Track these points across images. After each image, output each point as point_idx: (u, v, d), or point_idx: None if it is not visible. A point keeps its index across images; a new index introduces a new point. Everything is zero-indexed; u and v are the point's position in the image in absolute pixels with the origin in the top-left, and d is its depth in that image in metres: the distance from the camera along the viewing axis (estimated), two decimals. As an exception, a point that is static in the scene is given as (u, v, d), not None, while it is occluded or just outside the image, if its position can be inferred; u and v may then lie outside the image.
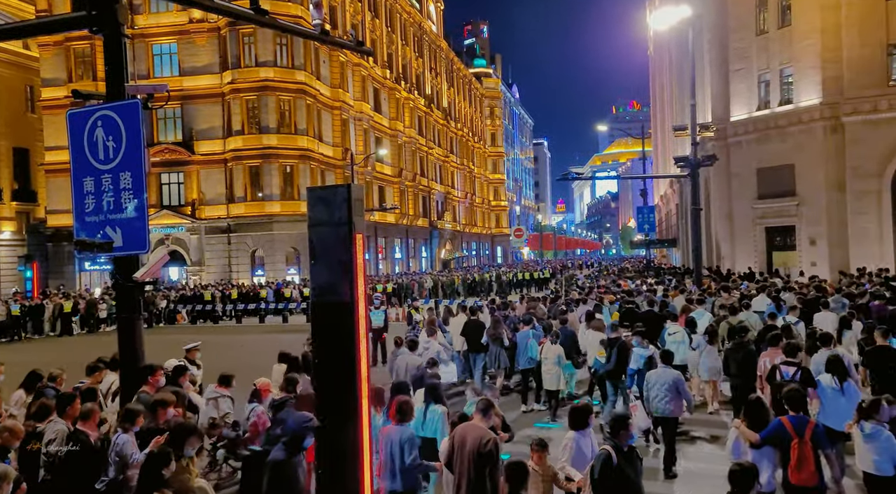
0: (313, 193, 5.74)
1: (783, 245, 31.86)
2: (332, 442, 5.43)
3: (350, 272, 5.45)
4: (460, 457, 5.94)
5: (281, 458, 5.48)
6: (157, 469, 5.41)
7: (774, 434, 6.36)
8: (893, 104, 27.60)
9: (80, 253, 6.87)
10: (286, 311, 31.70)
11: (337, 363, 5.48)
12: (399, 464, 6.28)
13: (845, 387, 7.82)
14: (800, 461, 6.16)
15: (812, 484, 6.18)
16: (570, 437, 6.63)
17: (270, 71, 41.41)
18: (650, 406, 9.14)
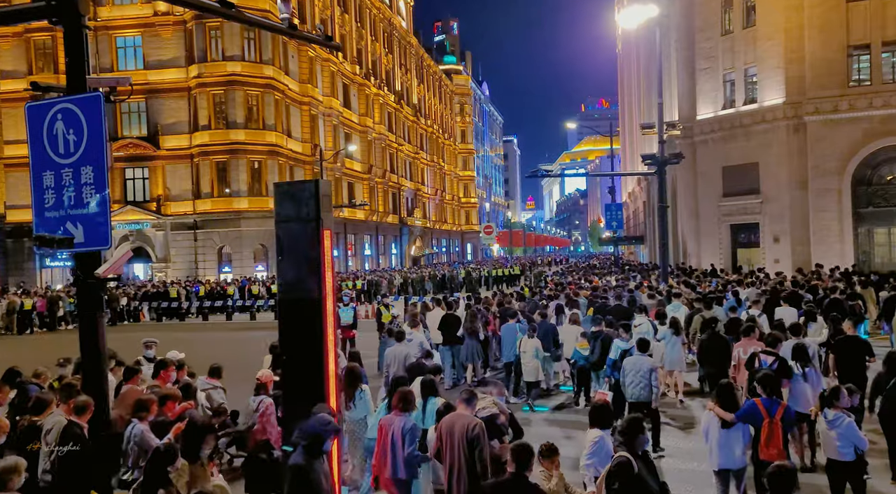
0: (281, 189, 5.69)
1: (747, 242, 32.43)
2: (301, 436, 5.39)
3: (318, 268, 5.41)
4: (450, 445, 6.06)
5: (301, 462, 5.23)
6: (161, 466, 5.42)
7: (748, 413, 6.82)
8: (853, 104, 28.23)
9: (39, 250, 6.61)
10: (254, 308, 31.37)
11: (304, 359, 5.44)
12: (400, 453, 6.40)
13: (807, 373, 8.42)
14: (769, 438, 6.70)
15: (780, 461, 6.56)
16: (597, 436, 6.34)
17: (238, 65, 40.87)
18: (626, 391, 9.59)
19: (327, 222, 5.51)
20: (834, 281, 19.85)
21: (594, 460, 6.22)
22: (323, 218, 5.45)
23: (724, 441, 6.81)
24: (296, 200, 5.50)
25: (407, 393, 6.70)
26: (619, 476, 5.35)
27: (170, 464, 5.41)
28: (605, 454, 6.10)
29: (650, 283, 22.36)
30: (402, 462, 6.40)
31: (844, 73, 28.71)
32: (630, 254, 64.19)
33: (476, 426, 6.02)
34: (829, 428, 6.83)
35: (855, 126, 28.22)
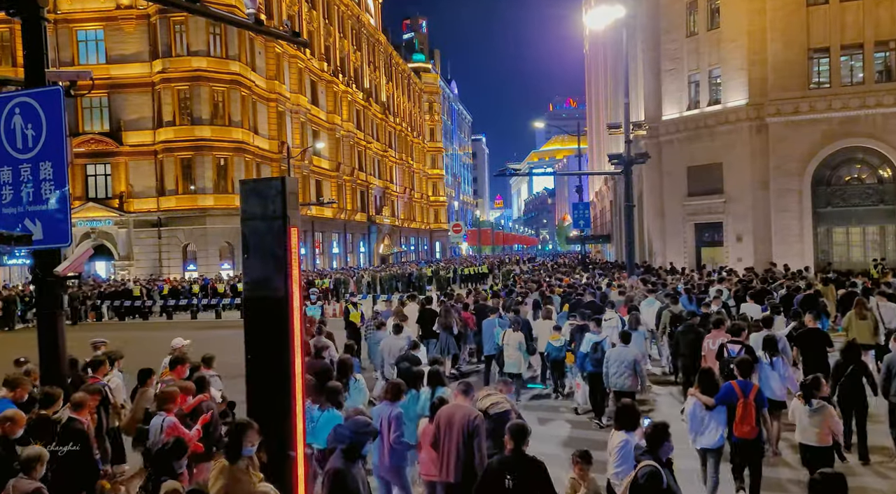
0: (246, 186, 5.62)
1: (711, 241, 32.98)
2: (265, 440, 5.32)
3: (284, 266, 5.36)
4: (448, 436, 6.20)
5: (340, 467, 5.07)
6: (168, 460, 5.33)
7: (725, 394, 7.40)
8: (814, 106, 28.89)
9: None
10: (219, 307, 31.00)
11: (270, 359, 5.38)
12: (388, 439, 6.62)
13: (775, 362, 9.04)
14: (743, 417, 7.27)
15: (752, 437, 7.31)
16: (622, 439, 6.12)
17: (203, 61, 40.31)
18: (609, 381, 10.17)
19: (294, 220, 5.45)
20: (788, 278, 20.44)
21: (624, 468, 5.94)
22: (290, 215, 5.40)
23: (704, 422, 7.40)
24: (262, 197, 5.44)
25: (395, 384, 7.04)
26: (647, 490, 4.98)
27: (177, 459, 5.35)
28: (631, 459, 5.87)
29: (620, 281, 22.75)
30: (389, 449, 6.63)
31: (805, 76, 29.36)
32: (597, 253, 64.84)
33: (477, 417, 6.21)
34: (810, 416, 7.20)
35: (815, 127, 28.88)
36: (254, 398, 5.57)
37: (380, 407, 6.93)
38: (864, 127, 28.24)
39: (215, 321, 29.22)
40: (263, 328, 5.42)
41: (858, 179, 29.36)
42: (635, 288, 19.42)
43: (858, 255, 29.16)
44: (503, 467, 5.37)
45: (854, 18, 28.44)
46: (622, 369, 10.01)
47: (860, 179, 29.34)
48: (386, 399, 6.91)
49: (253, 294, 5.49)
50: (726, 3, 31.17)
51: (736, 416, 7.33)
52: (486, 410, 6.57)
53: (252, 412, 5.53)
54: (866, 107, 28.10)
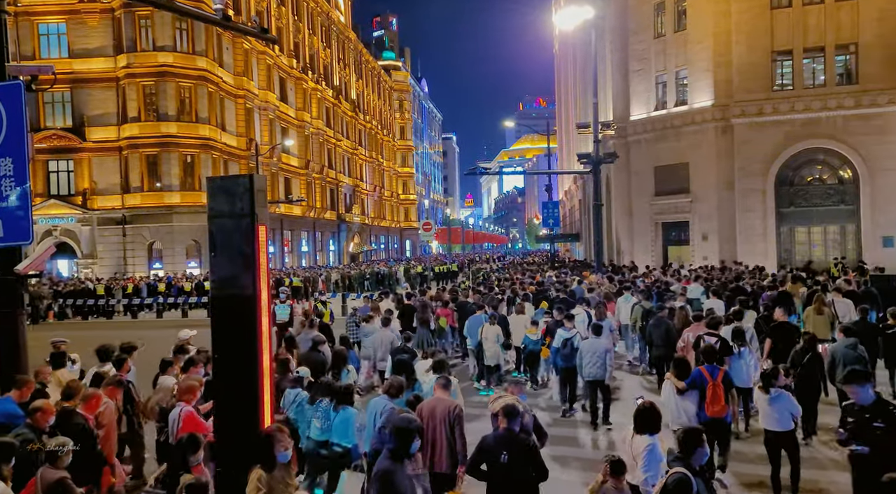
0: (214, 183, 5.56)
1: (678, 240, 33.46)
2: (232, 440, 5.27)
3: (252, 264, 5.31)
4: (431, 426, 6.50)
5: (389, 468, 4.98)
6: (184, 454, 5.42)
7: (696, 378, 8.11)
8: (777, 108, 29.46)
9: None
10: (185, 305, 30.59)
11: (238, 358, 5.33)
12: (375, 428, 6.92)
13: (742, 352, 9.88)
14: (713, 398, 8.00)
15: (722, 415, 8.05)
16: (649, 444, 5.98)
17: (169, 56, 39.68)
18: (583, 371, 10.80)
19: (262, 217, 5.41)
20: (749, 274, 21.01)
21: (651, 473, 5.84)
22: (258, 213, 5.35)
23: (678, 405, 8.05)
24: (229, 195, 5.38)
25: (400, 382, 7.35)
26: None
27: (192, 453, 5.43)
28: (660, 464, 5.80)
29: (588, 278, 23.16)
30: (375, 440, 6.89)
31: (769, 78, 29.92)
32: (566, 252, 65.34)
33: (456, 408, 6.60)
34: (770, 404, 7.75)
35: (778, 129, 29.45)
36: (221, 397, 5.51)
37: (376, 401, 7.15)
38: (826, 128, 28.88)
39: (182, 319, 28.82)
40: (231, 326, 5.37)
41: (820, 180, 30.02)
42: (600, 285, 20.12)
43: (820, 254, 29.83)
44: (498, 443, 5.71)
45: (816, 22, 29.07)
46: (595, 359, 10.64)
47: (822, 180, 29.99)
48: (388, 394, 7.17)
49: (220, 292, 5.43)
50: (693, 5, 31.63)
51: (706, 397, 8.01)
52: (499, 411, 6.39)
53: (219, 411, 5.47)
54: (827, 109, 28.74)
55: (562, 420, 11.33)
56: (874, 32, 28.09)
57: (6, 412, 6.68)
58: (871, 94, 28.08)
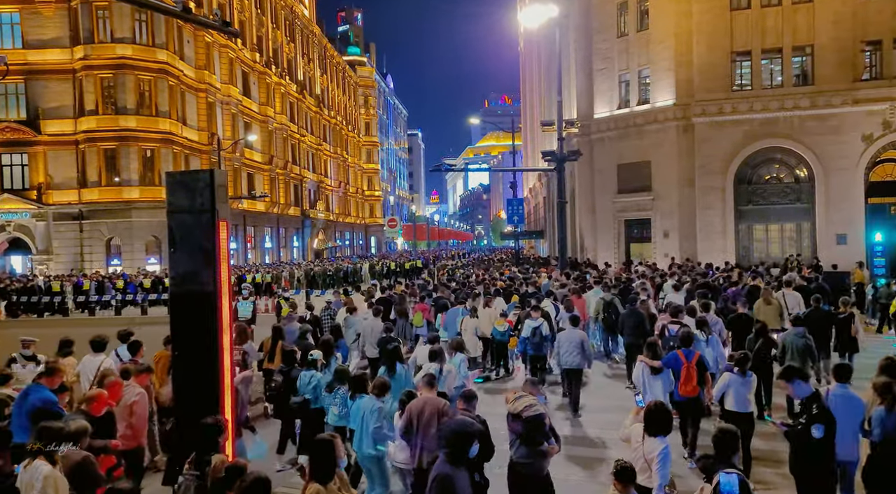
0: (173, 178, 5.47)
1: (640, 237, 33.89)
2: (192, 437, 5.19)
3: (213, 260, 5.23)
4: (419, 423, 6.71)
5: (447, 472, 4.83)
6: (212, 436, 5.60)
7: (672, 359, 8.92)
8: (736, 107, 30.01)
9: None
10: (144, 303, 30.02)
11: (198, 355, 5.25)
12: (367, 429, 7.12)
13: (710, 339, 10.66)
14: (687, 379, 8.80)
15: (694, 395, 8.84)
16: (664, 446, 5.88)
17: (128, 48, 38.84)
18: (560, 359, 11.44)
19: (223, 213, 5.33)
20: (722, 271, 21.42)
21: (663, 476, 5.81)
22: (219, 208, 5.27)
23: (652, 384, 8.81)
24: (190, 190, 5.29)
25: (382, 383, 7.48)
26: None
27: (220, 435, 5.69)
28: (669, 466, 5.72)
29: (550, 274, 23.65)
30: (367, 437, 7.12)
31: (728, 78, 30.45)
32: (531, 248, 65.76)
33: (445, 405, 6.84)
34: (737, 387, 8.25)
35: (737, 128, 30.01)
36: (181, 394, 5.42)
37: (364, 401, 7.29)
38: (783, 128, 29.51)
39: (141, 317, 28.27)
40: (191, 323, 5.28)
41: (777, 178, 30.68)
42: (558, 280, 21.15)
43: (777, 251, 30.48)
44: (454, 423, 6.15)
45: (774, 24, 29.66)
46: (571, 348, 11.32)
47: (779, 178, 30.65)
48: (372, 393, 7.32)
49: (180, 288, 5.34)
50: (655, 5, 32.02)
51: (681, 378, 8.83)
52: (520, 413, 6.26)
53: (179, 408, 5.39)
54: (785, 109, 29.36)
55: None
56: (829, 35, 28.77)
57: (44, 398, 7.03)
58: (826, 95, 28.77)
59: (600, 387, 13.49)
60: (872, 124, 28.31)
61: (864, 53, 29.13)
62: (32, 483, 5.07)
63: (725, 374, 8.41)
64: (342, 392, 7.97)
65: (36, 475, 5.07)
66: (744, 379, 8.22)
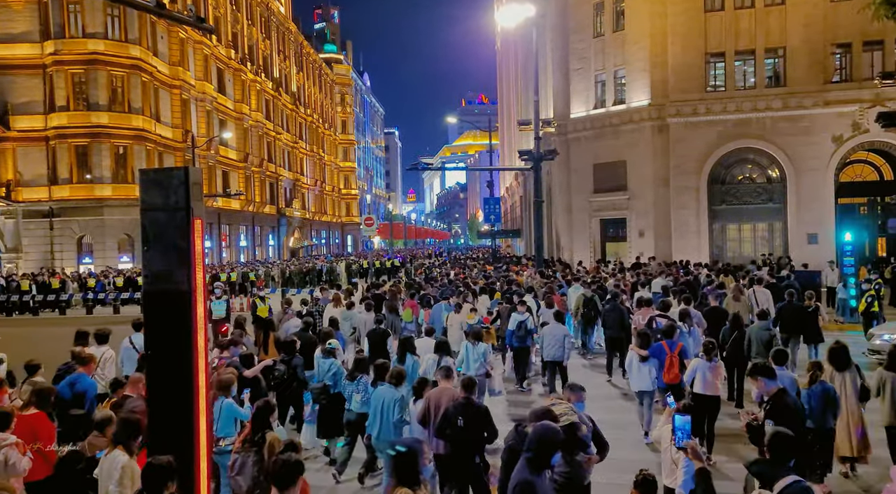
0: (147, 176, 5.39)
1: (615, 236, 34.18)
2: (165, 442, 5.12)
3: (187, 259, 5.16)
4: (436, 414, 7.12)
5: (528, 479, 4.65)
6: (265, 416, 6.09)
7: (657, 350, 9.88)
8: (710, 108, 30.37)
9: None
10: (116, 301, 29.61)
11: (172, 355, 5.18)
12: (389, 418, 7.61)
13: (692, 331, 11.51)
14: (670, 367, 9.74)
15: (676, 382, 9.61)
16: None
17: (101, 43, 38.24)
18: (544, 352, 12.31)
19: (198, 211, 5.26)
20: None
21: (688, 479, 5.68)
22: (193, 206, 5.20)
23: (639, 370, 9.78)
24: (163, 188, 5.22)
25: (398, 372, 7.89)
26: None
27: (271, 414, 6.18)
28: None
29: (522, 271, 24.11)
30: (390, 426, 7.60)
31: (702, 79, 30.81)
32: (507, 247, 65.98)
33: (461, 396, 7.10)
34: (706, 371, 8.99)
35: (711, 128, 30.37)
36: (153, 395, 5.34)
37: (382, 389, 7.79)
38: (756, 129, 29.95)
39: (112, 316, 27.88)
40: (165, 323, 5.21)
41: (750, 178, 31.12)
42: (532, 278, 21.78)
43: (749, 250, 30.93)
44: (456, 410, 6.84)
45: (747, 26, 30.07)
46: (554, 342, 12.10)
47: (751, 179, 31.10)
48: (390, 383, 7.76)
49: (153, 287, 5.26)
50: (630, 5, 32.29)
51: (665, 366, 9.76)
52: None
53: (152, 410, 5.31)
54: (757, 110, 29.80)
55: (521, 396, 12.69)
56: (801, 37, 29.24)
57: (88, 384, 8.01)
58: (798, 97, 29.24)
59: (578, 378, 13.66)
60: (842, 126, 28.83)
61: (835, 56, 29.66)
62: (111, 471, 5.42)
63: (694, 360, 9.29)
64: (364, 380, 8.59)
65: (115, 464, 5.41)
66: (710, 364, 8.93)
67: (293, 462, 4.56)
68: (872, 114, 24.57)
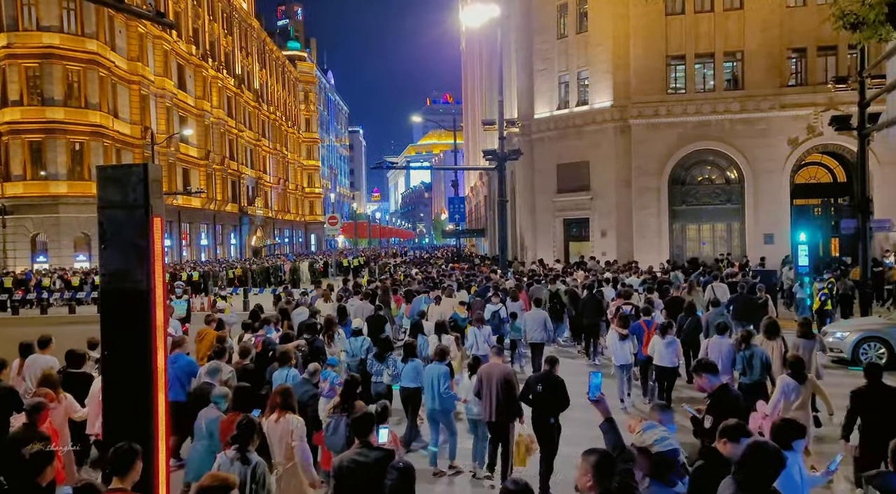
0: (104, 173, 5.29)
1: (579, 236, 34.49)
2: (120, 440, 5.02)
3: (146, 258, 5.07)
4: (489, 386, 8.14)
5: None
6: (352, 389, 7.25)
7: (636, 328, 11.80)
8: (671, 110, 30.85)
9: None
10: (72, 301, 28.92)
11: (131, 356, 5.08)
12: (437, 390, 8.67)
13: (654, 316, 12.59)
14: (648, 342, 11.47)
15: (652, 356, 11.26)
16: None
17: (56, 37, 37.31)
18: (527, 336, 13.82)
19: (157, 209, 5.17)
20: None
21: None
22: (152, 204, 5.11)
23: (621, 347, 11.57)
24: (121, 185, 5.12)
25: (444, 348, 9.16)
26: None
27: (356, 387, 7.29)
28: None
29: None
30: (438, 397, 8.69)
31: (663, 81, 31.26)
32: (472, 247, 66.15)
33: (511, 371, 8.38)
34: (663, 347, 10.98)
35: (672, 130, 30.85)
36: (110, 397, 5.23)
37: (432, 366, 8.90)
38: (715, 131, 30.50)
39: (68, 316, 27.23)
40: (122, 322, 5.11)
41: (709, 180, 31.69)
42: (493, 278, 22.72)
43: (709, 250, 31.50)
44: (537, 379, 8.13)
45: (707, 29, 30.60)
46: (536, 325, 13.66)
47: (710, 180, 31.67)
48: (435, 360, 8.96)
49: (110, 286, 5.16)
50: (593, 7, 32.61)
51: (643, 342, 11.56)
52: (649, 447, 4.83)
53: (109, 413, 5.20)
54: (716, 112, 30.35)
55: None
56: (758, 41, 29.87)
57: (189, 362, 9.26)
58: (755, 100, 29.87)
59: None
60: (798, 129, 29.53)
61: (791, 60, 30.38)
62: (290, 429, 6.45)
63: (654, 338, 11.28)
64: (393, 356, 9.92)
65: (295, 424, 6.50)
66: (665, 341, 10.99)
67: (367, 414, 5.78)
68: (826, 117, 25.13)
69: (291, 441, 6.42)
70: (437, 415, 8.86)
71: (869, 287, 19.87)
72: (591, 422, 6.23)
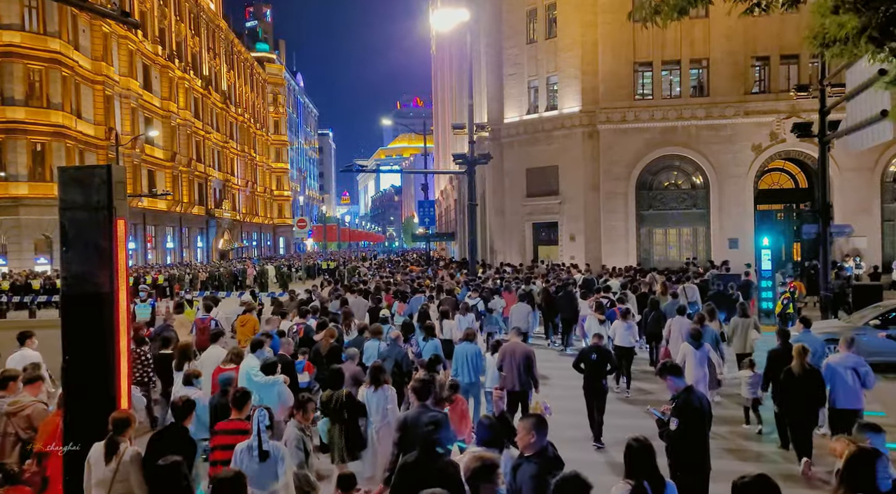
0: (66, 174, 5.18)
1: (548, 240, 34.73)
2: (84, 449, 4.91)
3: (110, 261, 4.97)
4: (511, 362, 9.61)
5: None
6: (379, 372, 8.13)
7: (613, 315, 13.62)
8: (638, 116, 31.24)
9: None
10: (33, 305, 28.23)
11: (93, 360, 4.97)
12: (472, 366, 10.04)
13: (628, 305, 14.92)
14: None
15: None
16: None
17: (17, 35, 36.49)
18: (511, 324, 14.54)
19: (121, 211, 5.08)
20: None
21: None
22: (116, 206, 5.02)
23: (605, 329, 12.93)
24: (84, 186, 5.02)
25: (472, 332, 10.72)
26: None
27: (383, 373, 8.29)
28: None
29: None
30: (473, 371, 10.05)
31: (631, 87, 31.64)
32: (441, 250, 66.14)
33: (530, 351, 9.84)
34: (625, 330, 12.97)
35: (639, 135, 31.23)
36: (73, 402, 5.12)
37: (462, 345, 10.24)
38: (681, 137, 30.95)
39: (28, 320, 26.55)
40: (84, 327, 5.00)
41: (675, 185, 32.14)
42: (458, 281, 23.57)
43: (675, 254, 31.95)
44: (591, 349, 9.96)
45: (673, 37, 31.00)
46: (521, 317, 15.27)
47: (677, 185, 32.13)
48: (467, 340, 10.31)
49: (73, 290, 5.05)
50: (562, 13, 32.91)
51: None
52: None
53: (72, 417, 5.09)
54: (682, 118, 30.81)
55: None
56: (723, 49, 30.40)
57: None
58: (720, 107, 30.40)
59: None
60: (761, 135, 30.11)
61: (754, 68, 30.96)
62: (386, 396, 7.93)
63: (616, 322, 13.15)
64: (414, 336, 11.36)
65: (389, 394, 7.99)
66: (625, 324, 12.98)
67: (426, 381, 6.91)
68: (789, 124, 25.72)
69: (387, 404, 7.88)
70: (470, 388, 10.10)
71: (830, 291, 20.34)
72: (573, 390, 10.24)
